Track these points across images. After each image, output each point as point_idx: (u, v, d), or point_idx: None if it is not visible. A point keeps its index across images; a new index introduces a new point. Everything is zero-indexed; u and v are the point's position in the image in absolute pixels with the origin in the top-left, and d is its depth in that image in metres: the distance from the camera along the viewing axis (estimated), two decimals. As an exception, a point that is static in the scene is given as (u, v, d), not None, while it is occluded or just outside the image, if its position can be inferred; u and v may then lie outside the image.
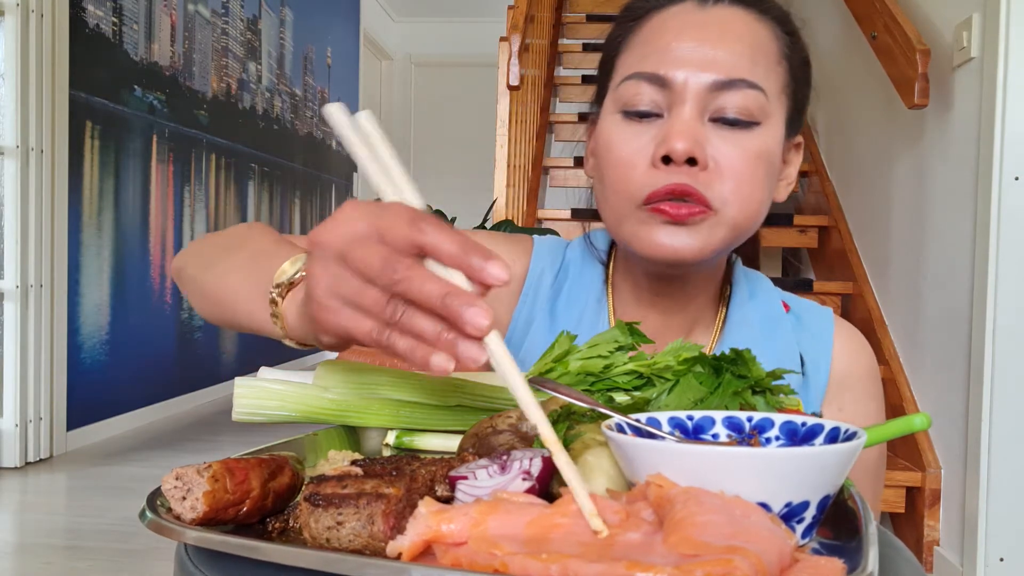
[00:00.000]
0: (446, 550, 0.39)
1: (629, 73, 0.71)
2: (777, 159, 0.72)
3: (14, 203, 3.23)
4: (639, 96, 0.70)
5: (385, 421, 0.65)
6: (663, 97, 0.69)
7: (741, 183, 0.68)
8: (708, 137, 0.68)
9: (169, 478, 0.45)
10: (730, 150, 0.68)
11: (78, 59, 3.49)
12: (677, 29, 0.70)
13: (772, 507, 0.41)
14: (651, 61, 0.70)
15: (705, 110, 0.68)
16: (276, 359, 5.50)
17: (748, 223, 0.71)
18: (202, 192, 4.63)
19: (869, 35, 2.60)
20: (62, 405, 3.43)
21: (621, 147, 0.70)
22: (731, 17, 0.71)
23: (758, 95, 0.68)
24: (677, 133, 0.67)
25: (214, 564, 0.44)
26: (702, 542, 0.36)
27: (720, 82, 0.68)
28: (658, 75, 0.69)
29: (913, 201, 2.49)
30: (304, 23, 6.13)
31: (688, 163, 0.67)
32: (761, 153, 0.69)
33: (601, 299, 0.81)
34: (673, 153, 0.66)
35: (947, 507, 2.23)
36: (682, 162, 0.67)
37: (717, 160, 0.68)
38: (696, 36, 0.69)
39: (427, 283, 0.40)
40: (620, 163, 0.70)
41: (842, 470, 0.43)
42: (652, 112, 0.70)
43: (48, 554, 2.36)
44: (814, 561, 0.38)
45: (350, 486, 0.42)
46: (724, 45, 0.69)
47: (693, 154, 0.66)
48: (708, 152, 0.68)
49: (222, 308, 0.64)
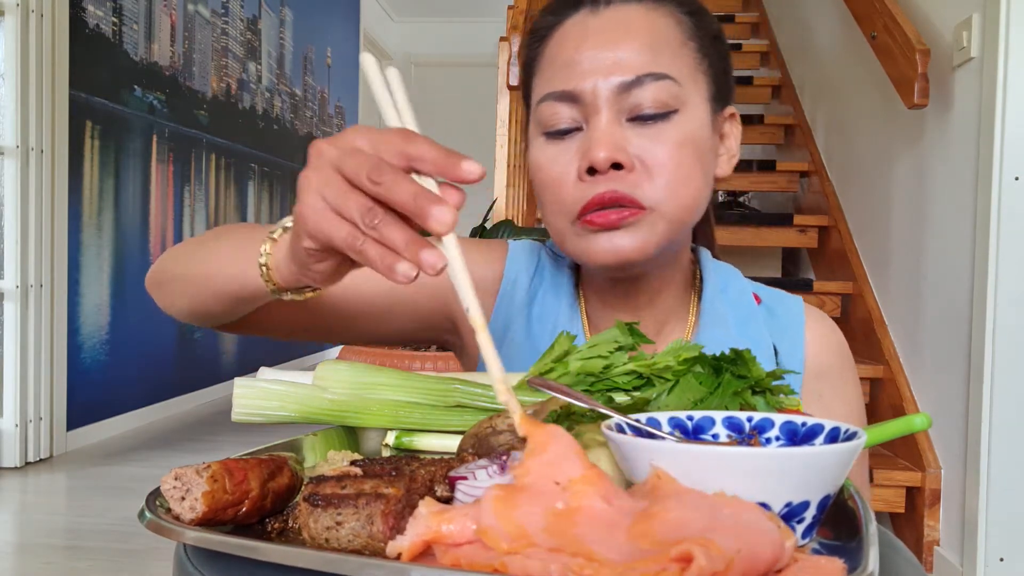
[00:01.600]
0: (446, 550, 0.39)
1: (542, 95, 0.73)
2: (705, 140, 0.72)
3: (14, 203, 3.23)
4: (556, 116, 0.71)
5: (384, 421, 0.65)
6: (578, 111, 0.71)
7: (670, 175, 0.69)
8: (629, 138, 0.69)
9: (168, 478, 0.45)
10: (653, 145, 0.69)
11: (78, 59, 3.49)
12: (576, 41, 0.71)
13: (772, 507, 0.41)
14: (559, 79, 0.71)
15: (621, 112, 0.69)
16: (276, 359, 5.50)
17: (687, 213, 0.72)
18: (202, 192, 4.63)
19: (869, 35, 2.60)
20: (62, 405, 3.42)
21: (549, 168, 0.72)
22: (625, 15, 0.71)
23: (668, 84, 0.69)
24: (596, 142, 0.68)
25: (213, 564, 0.44)
26: (662, 538, 0.36)
27: (627, 82, 0.69)
28: (567, 91, 0.70)
29: (913, 201, 2.49)
30: (304, 23, 6.13)
31: (614, 168, 0.68)
32: (684, 140, 0.70)
33: (573, 304, 0.82)
34: (596, 163, 0.68)
35: (947, 507, 2.23)
36: (606, 170, 0.68)
37: (642, 158, 0.69)
38: (594, 43, 0.70)
39: (405, 184, 0.44)
40: (550, 183, 0.72)
41: (842, 470, 0.43)
42: (572, 128, 0.71)
43: (48, 554, 2.36)
44: (814, 561, 0.37)
45: (349, 486, 0.42)
46: (623, 44, 0.70)
47: (615, 159, 0.68)
48: (632, 153, 0.69)
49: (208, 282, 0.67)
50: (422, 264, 0.43)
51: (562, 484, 0.41)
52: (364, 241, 0.45)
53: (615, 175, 0.68)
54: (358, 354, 2.38)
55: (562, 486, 0.41)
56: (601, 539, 0.38)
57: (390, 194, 0.44)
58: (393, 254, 0.44)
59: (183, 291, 0.71)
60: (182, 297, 0.71)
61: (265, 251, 0.58)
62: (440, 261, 0.44)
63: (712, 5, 4.65)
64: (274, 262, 0.57)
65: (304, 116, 6.23)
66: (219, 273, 0.66)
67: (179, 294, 0.72)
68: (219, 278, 0.66)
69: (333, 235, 0.46)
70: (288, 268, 0.55)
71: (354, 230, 0.45)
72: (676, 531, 0.36)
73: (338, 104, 7.01)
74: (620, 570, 0.34)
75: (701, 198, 0.73)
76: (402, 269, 0.44)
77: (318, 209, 0.46)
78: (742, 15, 4.51)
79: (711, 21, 0.76)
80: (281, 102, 5.77)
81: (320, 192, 0.46)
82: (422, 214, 0.43)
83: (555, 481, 0.41)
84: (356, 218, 0.45)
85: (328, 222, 0.46)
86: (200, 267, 0.68)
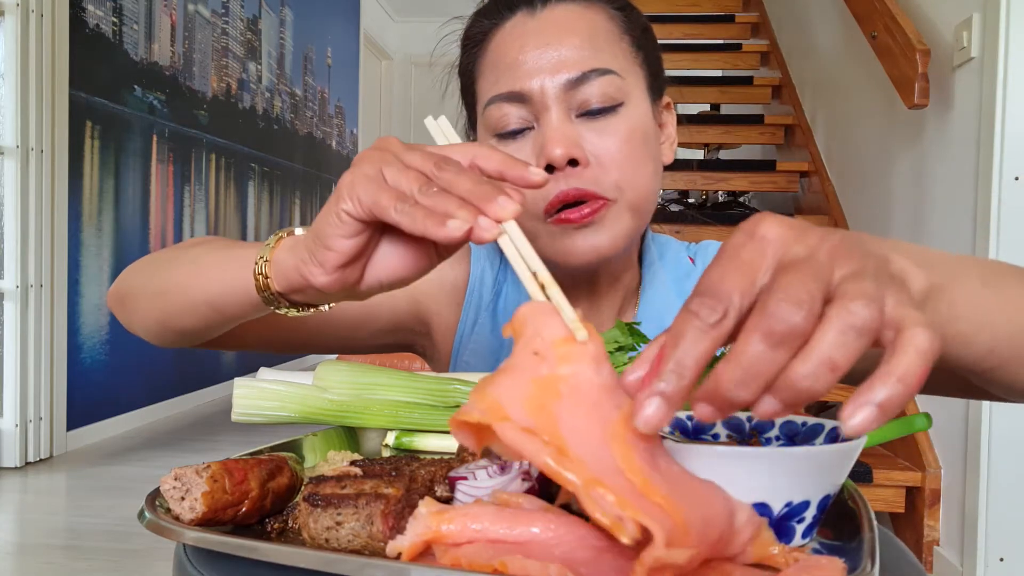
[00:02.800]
0: (446, 550, 0.39)
1: (489, 98, 0.73)
2: (651, 130, 0.75)
3: (14, 203, 3.23)
4: (506, 117, 0.72)
5: (384, 422, 0.65)
6: (527, 111, 0.72)
7: (625, 167, 0.71)
8: (581, 133, 0.71)
9: (168, 478, 0.45)
10: (604, 140, 0.71)
11: (78, 59, 3.49)
12: (518, 43, 0.72)
13: (772, 507, 0.41)
14: (504, 80, 0.72)
15: (570, 108, 0.71)
16: (276, 360, 5.50)
17: (646, 200, 0.74)
18: (202, 192, 4.63)
19: (869, 35, 2.60)
20: (62, 405, 3.42)
21: None
22: (562, 14, 0.73)
23: (612, 78, 0.71)
24: (551, 140, 0.69)
25: (213, 564, 0.44)
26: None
27: (573, 79, 0.70)
28: (515, 92, 0.71)
29: (913, 201, 2.49)
30: (304, 23, 6.13)
31: (570, 164, 0.69)
32: (634, 131, 0.72)
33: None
34: (553, 160, 0.69)
35: (947, 507, 2.23)
36: (564, 166, 0.69)
37: (596, 153, 0.71)
38: (536, 43, 0.71)
39: (468, 175, 0.43)
40: None
41: (842, 470, 0.43)
42: (523, 127, 0.72)
43: (48, 554, 2.36)
44: (815, 561, 0.37)
45: (349, 486, 0.42)
46: (563, 43, 0.71)
47: (572, 155, 0.69)
48: (586, 148, 0.70)
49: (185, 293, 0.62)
50: (478, 226, 0.41)
51: (541, 352, 0.39)
52: (412, 206, 0.43)
53: (572, 172, 0.70)
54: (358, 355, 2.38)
55: (542, 354, 0.39)
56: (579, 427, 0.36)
57: (454, 180, 0.43)
58: (441, 215, 0.42)
59: (153, 305, 0.66)
60: (151, 311, 0.67)
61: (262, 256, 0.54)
62: (496, 228, 0.42)
63: (712, 5, 4.67)
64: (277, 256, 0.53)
65: (304, 116, 6.23)
66: (199, 282, 0.61)
67: (149, 308, 0.67)
68: (198, 287, 0.61)
69: (380, 197, 0.43)
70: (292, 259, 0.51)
71: (403, 198, 0.43)
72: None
73: (338, 104, 7.01)
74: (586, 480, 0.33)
75: (655, 184, 0.75)
76: (454, 224, 0.41)
77: (371, 176, 0.45)
78: (742, 15, 4.51)
79: (639, 15, 0.78)
80: (281, 102, 5.77)
81: (378, 166, 0.45)
82: (486, 199, 0.42)
83: (534, 352, 0.39)
84: (412, 190, 0.43)
85: (379, 187, 0.44)
86: (175, 278, 0.64)
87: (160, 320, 0.66)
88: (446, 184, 0.43)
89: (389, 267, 0.49)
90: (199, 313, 0.62)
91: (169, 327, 0.66)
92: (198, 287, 0.61)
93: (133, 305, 0.69)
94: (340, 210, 0.46)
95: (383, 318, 0.82)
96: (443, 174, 0.43)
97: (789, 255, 0.34)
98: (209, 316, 0.62)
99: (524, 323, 0.40)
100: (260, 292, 0.54)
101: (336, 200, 0.46)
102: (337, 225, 0.46)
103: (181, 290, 0.63)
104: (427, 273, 0.51)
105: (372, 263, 0.49)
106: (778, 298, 0.31)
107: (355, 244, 0.47)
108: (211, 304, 0.60)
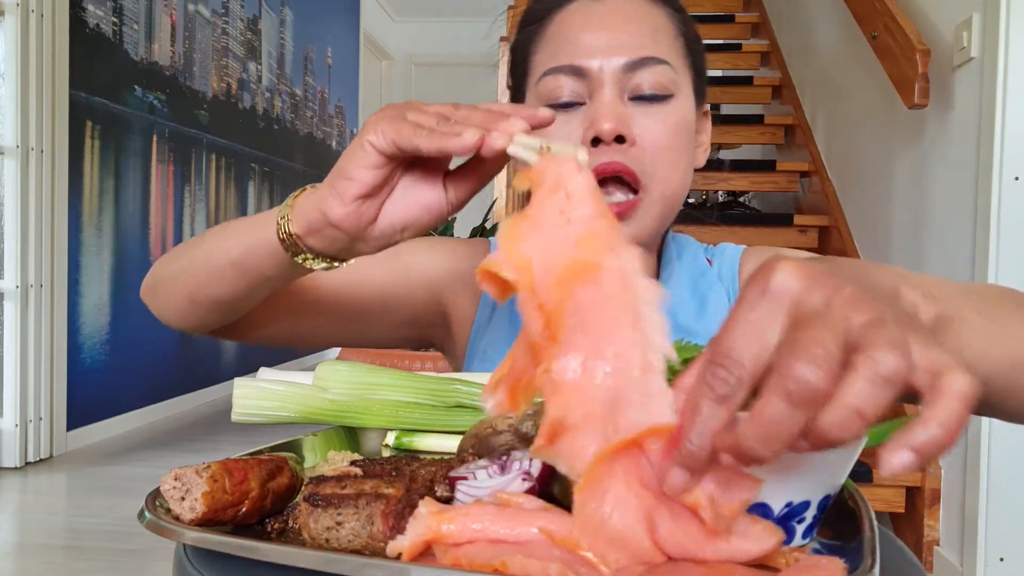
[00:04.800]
0: (446, 550, 0.39)
1: (546, 69, 0.75)
2: (693, 128, 0.78)
3: (14, 203, 3.23)
4: (560, 88, 0.74)
5: (384, 421, 0.65)
6: (582, 86, 0.74)
7: (665, 154, 0.73)
8: (631, 115, 0.73)
9: (168, 478, 0.45)
10: (652, 124, 0.73)
11: (78, 59, 3.49)
12: (582, 22, 0.75)
13: (772, 507, 0.41)
14: (564, 54, 0.75)
15: (623, 91, 0.73)
16: (276, 360, 5.50)
17: (675, 196, 0.76)
18: (202, 192, 4.63)
19: (869, 35, 2.60)
20: (62, 405, 3.42)
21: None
22: (626, 5, 0.76)
23: (667, 69, 0.74)
24: (603, 115, 0.72)
25: (213, 564, 0.44)
26: None
27: (631, 62, 0.73)
28: (574, 65, 0.74)
29: (913, 201, 2.49)
30: (304, 23, 6.13)
31: (616, 141, 0.72)
32: (680, 123, 0.74)
33: None
34: (601, 133, 0.71)
35: (947, 507, 2.23)
36: (611, 141, 0.72)
37: (641, 135, 0.73)
38: (599, 25, 0.74)
39: (478, 111, 0.48)
40: None
41: (842, 470, 0.43)
42: (574, 102, 0.75)
43: (48, 554, 2.36)
44: (815, 561, 0.37)
45: (349, 486, 0.42)
46: (627, 29, 0.74)
47: (620, 132, 0.71)
48: (633, 129, 0.72)
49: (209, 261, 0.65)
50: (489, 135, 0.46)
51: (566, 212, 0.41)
52: (430, 131, 0.48)
53: (618, 147, 0.72)
54: (358, 354, 2.38)
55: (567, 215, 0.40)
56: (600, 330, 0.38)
57: (469, 114, 0.48)
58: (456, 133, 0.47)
59: (180, 282, 0.69)
60: (179, 289, 0.69)
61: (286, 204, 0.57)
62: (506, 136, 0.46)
63: (712, 5, 4.67)
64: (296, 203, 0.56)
65: (304, 116, 6.23)
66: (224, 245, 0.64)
67: (176, 287, 0.70)
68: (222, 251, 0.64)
69: (402, 127, 0.48)
70: (313, 198, 0.54)
71: (422, 127, 0.48)
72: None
73: (338, 104, 7.01)
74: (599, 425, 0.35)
75: (686, 183, 0.77)
76: (468, 134, 0.46)
77: (394, 115, 0.50)
78: (742, 15, 4.50)
79: (693, 23, 0.81)
80: (281, 102, 5.77)
81: (401, 109, 0.50)
82: (497, 120, 0.46)
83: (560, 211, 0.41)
84: (431, 124, 0.48)
85: (402, 121, 0.49)
86: (200, 250, 0.67)
87: (188, 295, 0.69)
88: (462, 118, 0.48)
89: (403, 207, 0.54)
90: (224, 277, 0.65)
91: (197, 300, 0.69)
92: (222, 251, 0.64)
93: (163, 289, 0.72)
94: (364, 140, 0.50)
95: (402, 310, 0.83)
96: (459, 112, 0.49)
97: (804, 308, 0.33)
98: (234, 279, 0.64)
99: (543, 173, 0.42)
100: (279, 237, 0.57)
101: (361, 135, 0.50)
102: (360, 156, 0.50)
103: (206, 258, 0.66)
104: (439, 220, 0.55)
105: (388, 204, 0.54)
106: (796, 357, 0.31)
107: (375, 176, 0.51)
108: (235, 264, 0.63)
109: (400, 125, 0.49)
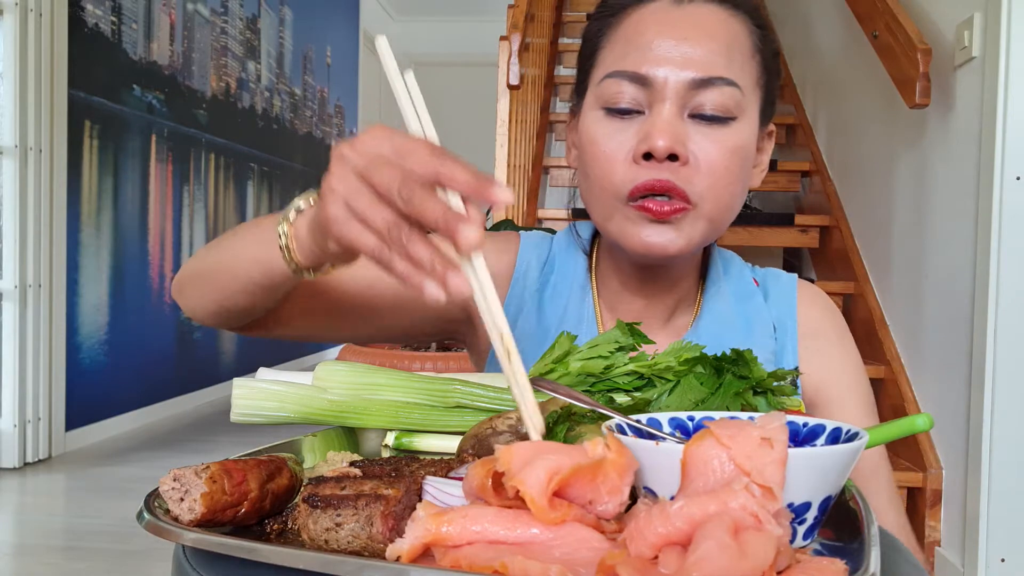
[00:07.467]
0: (445, 552, 0.39)
1: (610, 71, 0.73)
2: (752, 151, 0.75)
3: (13, 203, 3.22)
4: (621, 94, 0.72)
5: (384, 422, 0.65)
6: (644, 95, 0.71)
7: (718, 178, 0.71)
8: (689, 133, 0.71)
9: (167, 479, 0.45)
10: (708, 146, 0.71)
11: (77, 58, 3.49)
12: (655, 27, 0.72)
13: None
14: (631, 59, 0.72)
15: (684, 107, 0.71)
16: (275, 360, 5.50)
17: (724, 216, 0.74)
18: (201, 192, 4.63)
19: (870, 34, 2.60)
20: (61, 405, 3.42)
21: (604, 143, 0.73)
22: (706, 14, 0.73)
23: (734, 91, 0.71)
24: (659, 131, 0.69)
25: (212, 565, 0.44)
26: None
27: (699, 80, 0.70)
28: (639, 74, 0.71)
29: (914, 201, 2.49)
30: (304, 22, 6.13)
31: (669, 159, 0.70)
32: (737, 148, 0.72)
33: (585, 286, 0.83)
34: (655, 150, 0.69)
35: (948, 508, 2.22)
36: (663, 158, 0.69)
37: (696, 155, 0.71)
38: (673, 34, 0.71)
39: (434, 203, 0.44)
40: (603, 158, 0.73)
41: (843, 471, 0.43)
42: (633, 109, 0.72)
43: (46, 555, 2.36)
44: (816, 562, 0.37)
45: (349, 487, 0.42)
46: (701, 43, 0.71)
47: (674, 150, 0.69)
48: (688, 148, 0.70)
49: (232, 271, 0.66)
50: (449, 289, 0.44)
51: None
52: (392, 255, 0.45)
53: (670, 165, 0.70)
54: (358, 354, 2.38)
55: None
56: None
57: (420, 211, 0.44)
58: (421, 272, 0.45)
59: (210, 287, 0.70)
60: (209, 293, 0.71)
61: (284, 232, 0.58)
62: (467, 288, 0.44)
63: (712, 5, 4.67)
64: (295, 243, 0.58)
65: (304, 116, 6.23)
66: (242, 260, 0.65)
67: (206, 290, 0.71)
68: (242, 265, 0.65)
69: (361, 244, 0.46)
70: (309, 248, 0.56)
71: (381, 242, 0.46)
72: None
73: (338, 103, 7.01)
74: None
75: (738, 204, 0.75)
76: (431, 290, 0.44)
77: (344, 219, 0.47)
78: (742, 15, 4.50)
79: (774, 39, 0.78)
80: (281, 101, 5.76)
81: (347, 201, 0.47)
82: (451, 233, 0.44)
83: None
84: (383, 230, 0.45)
85: (356, 231, 0.46)
86: (222, 258, 0.68)
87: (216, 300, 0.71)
88: (414, 213, 0.44)
89: None
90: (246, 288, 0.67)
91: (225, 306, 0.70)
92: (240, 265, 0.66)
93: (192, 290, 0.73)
94: (328, 247, 0.52)
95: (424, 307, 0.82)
96: (410, 206, 0.44)
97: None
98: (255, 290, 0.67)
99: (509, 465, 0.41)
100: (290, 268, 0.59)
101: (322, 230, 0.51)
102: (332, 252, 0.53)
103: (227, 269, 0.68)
104: None
105: None
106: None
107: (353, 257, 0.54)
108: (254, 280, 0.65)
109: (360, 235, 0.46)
